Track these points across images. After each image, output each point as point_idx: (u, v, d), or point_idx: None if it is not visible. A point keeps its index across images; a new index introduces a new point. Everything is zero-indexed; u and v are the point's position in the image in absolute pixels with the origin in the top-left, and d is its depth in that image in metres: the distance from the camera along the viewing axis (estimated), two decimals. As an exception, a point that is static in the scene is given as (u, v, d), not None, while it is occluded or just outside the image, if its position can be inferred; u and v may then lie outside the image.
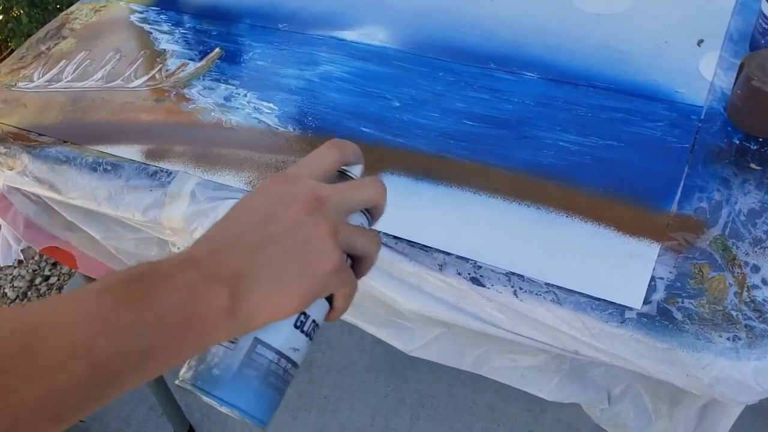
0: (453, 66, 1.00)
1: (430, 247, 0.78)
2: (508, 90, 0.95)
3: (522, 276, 0.73)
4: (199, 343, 0.43)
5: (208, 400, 0.45)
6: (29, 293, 2.20)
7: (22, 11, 2.36)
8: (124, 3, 1.26)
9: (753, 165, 0.81)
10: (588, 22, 1.04)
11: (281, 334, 0.46)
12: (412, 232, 0.79)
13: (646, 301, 0.69)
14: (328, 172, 0.50)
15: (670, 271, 0.72)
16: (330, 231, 0.45)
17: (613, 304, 0.70)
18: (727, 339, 0.66)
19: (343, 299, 0.49)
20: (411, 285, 0.79)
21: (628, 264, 0.73)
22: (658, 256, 0.73)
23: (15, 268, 2.27)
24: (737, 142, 0.83)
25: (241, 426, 1.66)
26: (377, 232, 0.49)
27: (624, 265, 0.73)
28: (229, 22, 1.16)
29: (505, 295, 0.73)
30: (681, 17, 1.02)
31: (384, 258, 0.78)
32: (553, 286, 0.72)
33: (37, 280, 2.24)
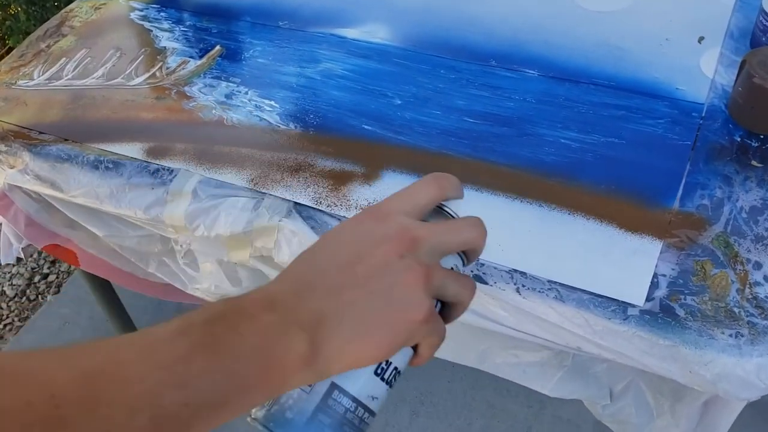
0: (454, 63, 1.00)
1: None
2: (510, 87, 0.95)
3: (524, 273, 0.74)
4: (272, 391, 0.40)
5: None
6: (28, 291, 2.20)
7: (20, 9, 2.35)
8: (123, 1, 1.26)
9: (754, 162, 0.81)
10: (589, 19, 1.04)
11: (360, 381, 0.44)
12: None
13: (649, 298, 0.70)
14: (425, 208, 0.46)
15: (673, 268, 0.72)
16: (422, 277, 0.41)
17: (615, 301, 0.70)
18: (730, 336, 0.66)
19: (429, 348, 0.45)
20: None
21: (630, 261, 0.73)
22: (661, 253, 0.73)
23: (13, 266, 2.27)
24: (738, 140, 0.84)
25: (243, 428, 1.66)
26: (470, 279, 0.46)
27: (626, 262, 0.73)
28: (230, 20, 1.16)
29: (507, 293, 0.73)
30: (682, 14, 1.02)
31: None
32: (555, 283, 0.72)
33: (36, 278, 2.23)
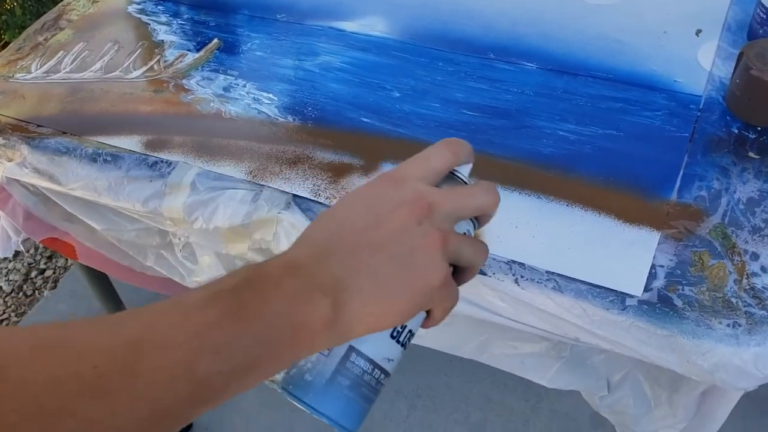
0: (452, 56, 1.01)
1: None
2: (508, 80, 0.95)
3: (523, 264, 0.74)
4: (299, 354, 0.41)
5: (298, 405, 0.44)
6: (24, 286, 2.20)
7: (15, 3, 2.35)
8: (121, -6, 1.26)
9: (752, 154, 0.81)
10: (587, 12, 1.04)
11: (377, 344, 0.45)
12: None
13: (647, 289, 0.70)
14: (440, 174, 0.47)
15: (671, 259, 0.72)
16: (439, 242, 0.42)
17: (613, 291, 0.70)
18: (727, 325, 0.66)
19: (442, 312, 0.46)
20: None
21: (628, 252, 0.73)
22: (659, 244, 0.73)
23: (10, 262, 2.27)
24: (736, 132, 0.84)
25: (240, 424, 1.66)
26: (483, 243, 0.47)
27: (624, 253, 0.73)
28: (227, 13, 1.16)
29: (506, 283, 0.73)
30: (679, 7, 1.02)
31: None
32: (554, 274, 0.73)
33: (33, 274, 2.23)
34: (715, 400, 0.76)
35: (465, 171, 0.49)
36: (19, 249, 1.18)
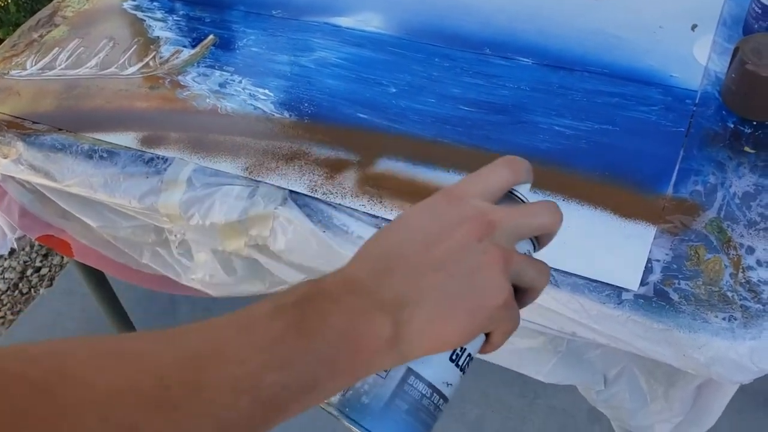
0: (449, 52, 1.00)
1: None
2: (504, 75, 0.95)
3: (520, 259, 0.74)
4: (358, 374, 0.40)
5: (354, 429, 0.42)
6: (20, 284, 2.19)
7: (9, 0, 2.34)
8: (116, -10, 1.26)
9: (747, 148, 0.81)
10: (583, 8, 1.04)
11: (436, 367, 0.43)
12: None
13: (643, 283, 0.70)
14: (499, 192, 0.45)
15: (667, 253, 0.72)
16: (501, 261, 0.41)
17: (610, 285, 0.70)
18: (723, 319, 0.67)
19: (502, 335, 0.44)
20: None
21: (624, 246, 0.73)
22: (655, 238, 0.74)
23: (6, 260, 2.26)
24: (732, 126, 0.84)
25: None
26: (546, 264, 0.46)
27: (621, 247, 0.73)
28: (223, 9, 1.16)
29: (503, 278, 0.73)
30: (675, 2, 1.02)
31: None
32: (551, 268, 0.72)
33: (29, 272, 2.23)
34: (711, 393, 0.76)
35: (524, 189, 0.48)
36: (14, 247, 1.17)
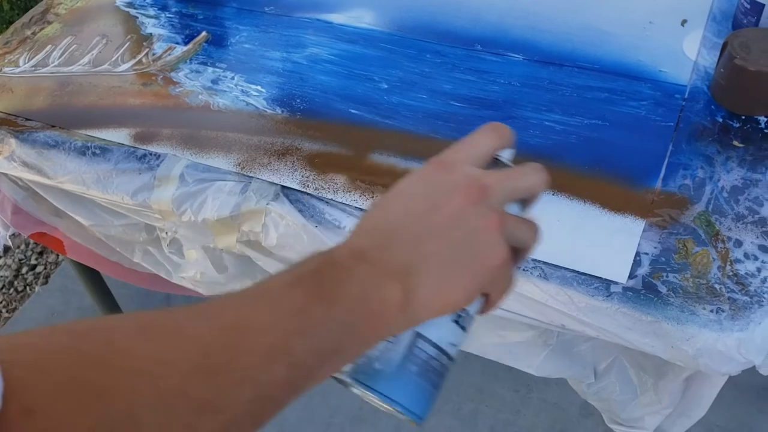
0: (440, 48, 1.01)
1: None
2: (495, 71, 0.96)
3: (510, 253, 0.74)
4: (374, 339, 0.42)
5: (368, 395, 0.44)
6: (15, 282, 2.19)
7: (3, -2, 2.34)
8: (109, -13, 1.26)
9: (736, 142, 0.82)
10: (573, 3, 1.05)
11: (441, 329, 0.45)
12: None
13: (632, 276, 0.71)
14: (486, 157, 0.47)
15: (655, 247, 0.73)
16: (497, 223, 0.43)
17: (598, 278, 0.71)
18: (711, 311, 0.67)
19: (499, 294, 0.46)
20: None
21: (613, 240, 0.74)
22: (643, 231, 0.74)
23: (1, 258, 2.26)
24: (720, 120, 0.85)
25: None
26: (535, 222, 0.48)
27: (609, 241, 0.74)
28: (215, 6, 1.16)
29: (493, 272, 0.74)
30: (665, -2, 1.03)
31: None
32: (540, 261, 0.73)
33: (24, 269, 2.23)
34: (700, 385, 0.77)
35: (507, 154, 0.50)
36: (8, 244, 1.18)
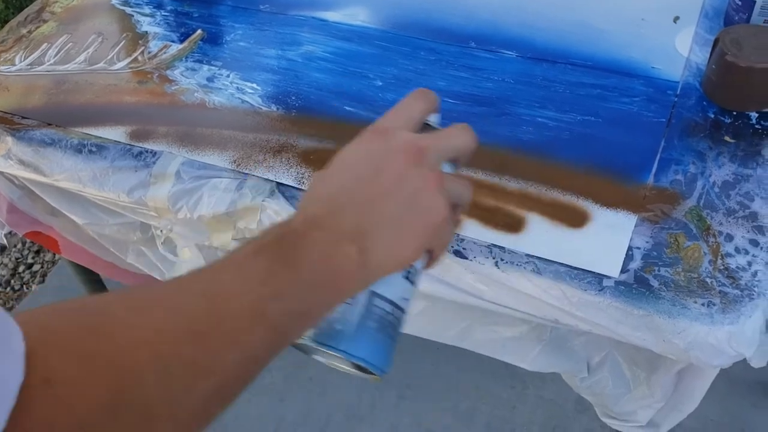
0: (434, 45, 1.01)
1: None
2: (489, 68, 0.96)
3: (503, 248, 0.75)
4: (337, 300, 0.44)
5: (332, 356, 0.46)
6: (12, 281, 2.19)
7: (-1, -2, 2.34)
8: (104, -14, 1.26)
9: (727, 138, 0.83)
10: (567, 0, 1.05)
11: (394, 286, 0.48)
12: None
13: (624, 270, 0.71)
14: (419, 122, 0.50)
15: (647, 241, 0.74)
16: (437, 182, 0.46)
17: (591, 273, 0.71)
18: (702, 305, 0.68)
19: (441, 248, 0.49)
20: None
21: (606, 235, 0.74)
22: (635, 226, 0.75)
23: (-3, 257, 2.26)
24: (712, 116, 0.85)
25: (229, 414, 1.67)
26: (468, 179, 0.51)
27: (602, 236, 0.75)
28: (211, 4, 1.17)
29: (486, 267, 0.74)
30: (657, -5, 1.03)
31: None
32: (533, 257, 0.74)
33: (20, 268, 2.23)
34: (691, 379, 0.77)
35: (435, 119, 0.53)
36: (4, 243, 1.18)
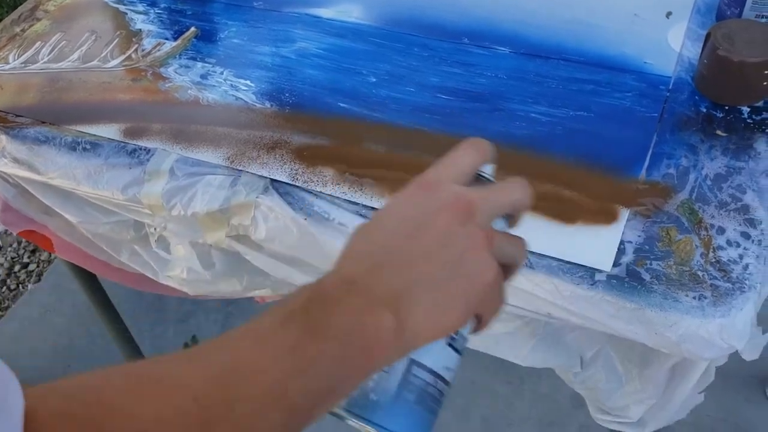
0: (427, 42, 1.02)
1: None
2: (482, 64, 0.97)
3: (496, 243, 0.75)
4: (370, 371, 0.41)
5: (366, 427, 0.43)
6: (8, 281, 2.19)
7: (-6, -3, 2.33)
8: (98, -16, 1.26)
9: (719, 132, 0.83)
10: (560, -3, 1.06)
11: (435, 354, 0.44)
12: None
13: (616, 264, 0.71)
14: (469, 174, 0.47)
15: (639, 235, 0.74)
16: (485, 242, 0.42)
17: (583, 267, 0.72)
18: (693, 298, 0.68)
19: (491, 313, 0.45)
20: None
21: (598, 229, 0.75)
22: (627, 220, 0.75)
23: (-7, 256, 2.26)
24: (704, 111, 0.86)
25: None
26: (522, 238, 0.48)
27: (594, 230, 0.75)
28: (204, 2, 1.16)
29: (479, 262, 0.74)
30: (650, -9, 1.04)
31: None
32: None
33: (16, 268, 2.23)
34: (684, 374, 0.77)
35: (489, 170, 0.49)
36: None
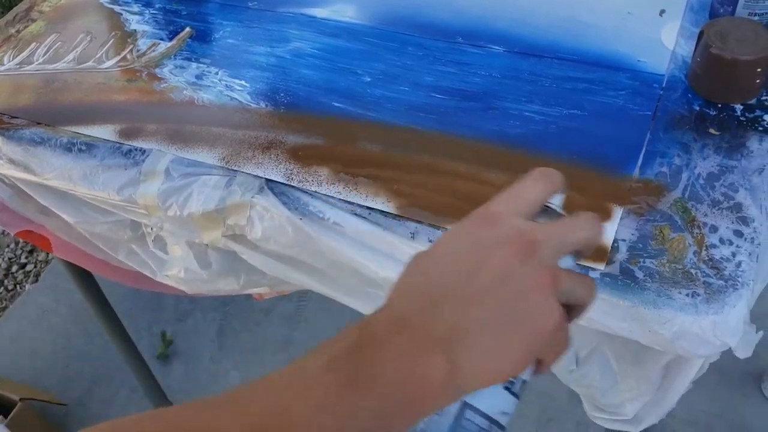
0: (422, 41, 1.02)
1: (403, 217, 0.80)
2: (476, 63, 0.97)
3: (490, 241, 0.76)
4: (416, 418, 0.39)
5: None
6: (5, 281, 2.19)
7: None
8: (93, -15, 1.26)
9: (712, 130, 0.83)
10: (553, -5, 1.06)
11: (491, 398, 0.42)
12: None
13: (609, 262, 0.72)
14: (536, 207, 0.44)
15: (632, 233, 0.74)
16: (548, 282, 0.39)
17: (577, 265, 0.71)
18: (687, 295, 0.68)
19: (554, 357, 0.42)
20: (384, 254, 0.80)
21: (592, 227, 0.75)
22: (621, 219, 0.76)
23: (-10, 257, 2.26)
24: (697, 109, 0.86)
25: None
26: (591, 278, 0.45)
27: (588, 228, 0.75)
28: (199, 2, 1.17)
29: (474, 260, 0.75)
30: (643, -11, 1.04)
31: (357, 228, 0.80)
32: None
33: (14, 268, 2.23)
34: (678, 372, 0.78)
35: (557, 201, 0.47)
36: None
